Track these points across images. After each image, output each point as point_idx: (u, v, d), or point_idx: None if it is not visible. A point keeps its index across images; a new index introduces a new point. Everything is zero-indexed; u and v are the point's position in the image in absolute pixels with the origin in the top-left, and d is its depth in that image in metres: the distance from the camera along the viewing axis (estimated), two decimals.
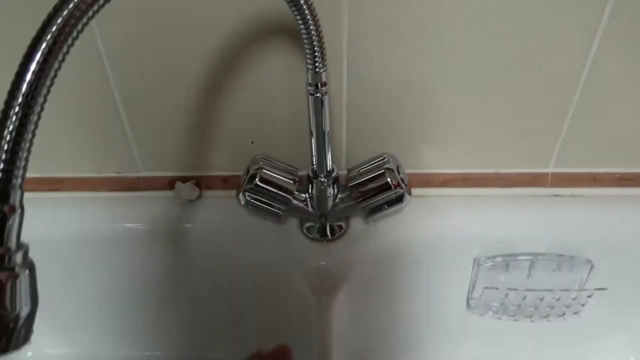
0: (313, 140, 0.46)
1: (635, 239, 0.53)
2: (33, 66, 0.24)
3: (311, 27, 0.38)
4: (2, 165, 0.24)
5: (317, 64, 0.41)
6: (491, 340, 0.59)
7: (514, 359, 0.59)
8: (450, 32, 0.46)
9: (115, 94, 0.51)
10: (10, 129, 0.24)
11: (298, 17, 0.38)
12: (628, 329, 0.58)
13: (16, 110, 0.24)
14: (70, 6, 0.24)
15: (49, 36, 0.24)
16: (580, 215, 0.55)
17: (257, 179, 0.48)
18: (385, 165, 0.48)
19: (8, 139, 0.24)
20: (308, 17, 0.37)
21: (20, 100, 0.24)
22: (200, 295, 0.59)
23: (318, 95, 0.43)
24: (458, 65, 0.48)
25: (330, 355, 0.46)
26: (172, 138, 0.54)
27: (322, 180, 0.49)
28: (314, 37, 0.39)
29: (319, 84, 0.42)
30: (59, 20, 0.24)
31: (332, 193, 0.50)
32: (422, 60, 0.48)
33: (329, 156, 0.48)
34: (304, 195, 0.50)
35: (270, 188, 0.48)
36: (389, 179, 0.48)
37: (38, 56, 0.24)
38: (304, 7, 0.37)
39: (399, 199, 0.48)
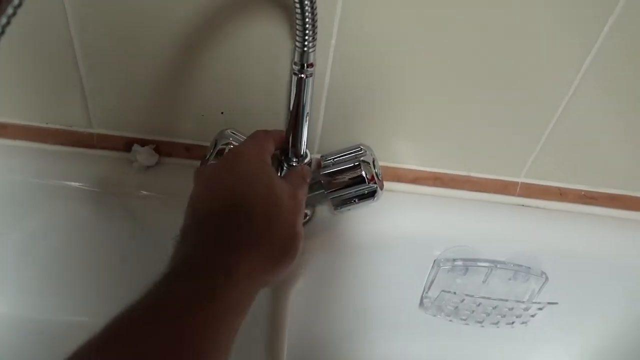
0: (290, 121, 0.43)
1: (591, 256, 0.54)
2: None
3: (306, 2, 0.35)
4: None
5: (306, 43, 0.38)
6: (439, 339, 0.60)
7: (458, 357, 0.60)
8: (439, 36, 0.44)
9: (74, 37, 0.45)
10: None
11: None
12: (570, 343, 0.60)
13: None
14: None
15: None
16: (543, 228, 0.55)
17: None
18: (362, 158, 0.46)
19: None
20: None
21: None
22: (149, 265, 0.55)
23: (303, 76, 0.40)
24: (444, 68, 0.46)
25: (281, 347, 0.44)
26: (135, 96, 0.49)
27: (294, 164, 0.46)
28: (307, 14, 0.36)
29: (306, 65, 0.39)
30: None
31: None
32: (409, 57, 0.46)
33: (304, 140, 0.45)
34: None
35: None
36: (363, 172, 0.45)
37: None
38: None
39: (372, 194, 0.46)
